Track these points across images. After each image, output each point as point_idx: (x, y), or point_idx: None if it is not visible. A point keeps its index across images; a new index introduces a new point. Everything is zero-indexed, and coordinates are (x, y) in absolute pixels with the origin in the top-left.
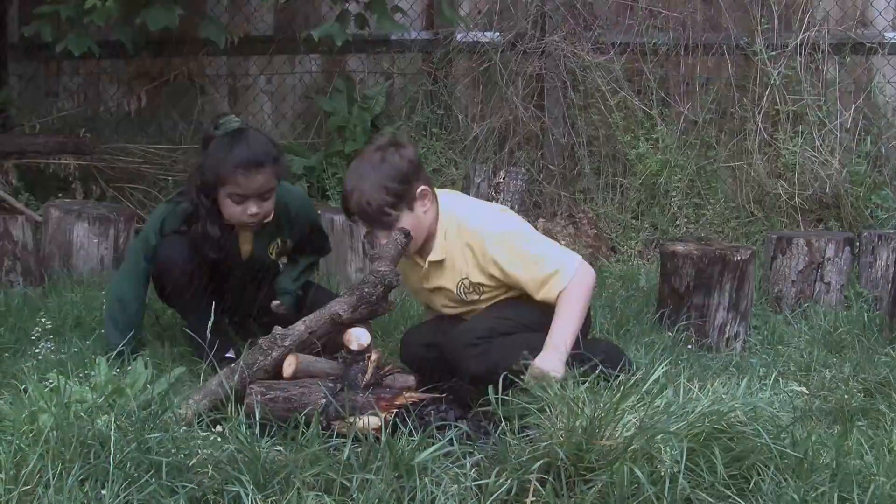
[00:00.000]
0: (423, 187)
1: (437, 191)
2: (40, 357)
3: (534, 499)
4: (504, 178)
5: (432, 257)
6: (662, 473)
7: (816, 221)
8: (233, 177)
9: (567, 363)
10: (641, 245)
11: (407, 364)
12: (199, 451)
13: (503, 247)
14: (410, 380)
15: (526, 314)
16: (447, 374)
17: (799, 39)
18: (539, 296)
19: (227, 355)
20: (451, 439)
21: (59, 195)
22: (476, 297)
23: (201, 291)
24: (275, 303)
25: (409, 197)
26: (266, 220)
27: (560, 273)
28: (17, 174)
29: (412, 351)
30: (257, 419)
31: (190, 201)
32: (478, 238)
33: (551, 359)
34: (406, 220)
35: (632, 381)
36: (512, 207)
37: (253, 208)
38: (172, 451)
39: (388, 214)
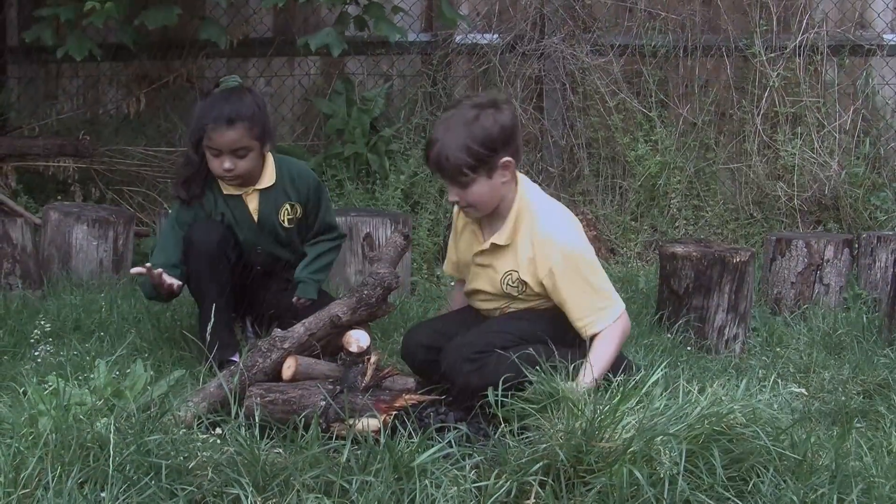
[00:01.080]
0: (507, 158)
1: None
2: (39, 360)
3: (533, 501)
4: None
5: (496, 240)
6: (662, 475)
7: (815, 223)
8: (207, 130)
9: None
10: (641, 247)
11: (407, 363)
12: (199, 454)
13: (567, 264)
14: (410, 382)
15: (526, 328)
16: (445, 380)
17: (798, 41)
18: (578, 324)
19: (232, 359)
20: (451, 441)
21: (59, 198)
22: (514, 293)
23: (225, 273)
24: (295, 298)
25: (491, 164)
26: (265, 183)
27: (606, 312)
28: (16, 177)
29: (412, 352)
30: (257, 421)
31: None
32: (547, 243)
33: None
34: (481, 185)
35: (631, 383)
36: None
37: (227, 163)
38: (172, 453)
39: (465, 175)
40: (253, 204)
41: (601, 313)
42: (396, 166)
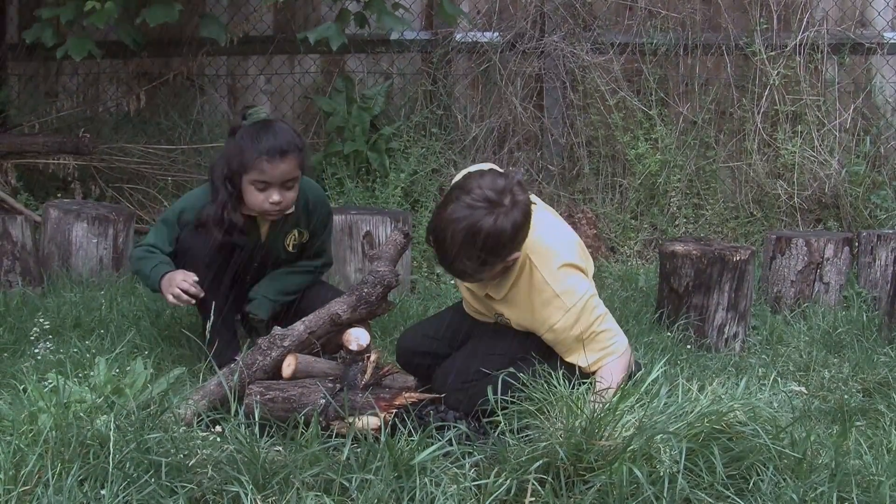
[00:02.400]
0: (515, 255)
1: None
2: (39, 357)
3: (533, 499)
4: None
5: (491, 293)
6: (661, 473)
7: (815, 221)
8: (258, 163)
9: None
10: (640, 245)
11: (401, 364)
12: (199, 452)
13: (569, 321)
14: (410, 380)
15: (515, 347)
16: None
17: (798, 39)
18: (582, 367)
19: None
20: (451, 439)
21: (59, 195)
22: (508, 326)
23: (221, 283)
24: (248, 311)
25: (499, 263)
26: (288, 212)
27: (609, 350)
28: (16, 174)
29: (405, 358)
30: (256, 419)
31: (213, 189)
32: (548, 304)
33: None
34: (485, 276)
35: (631, 382)
36: None
37: (275, 196)
38: (172, 451)
39: (469, 273)
40: (264, 227)
41: (604, 352)
42: (396, 164)
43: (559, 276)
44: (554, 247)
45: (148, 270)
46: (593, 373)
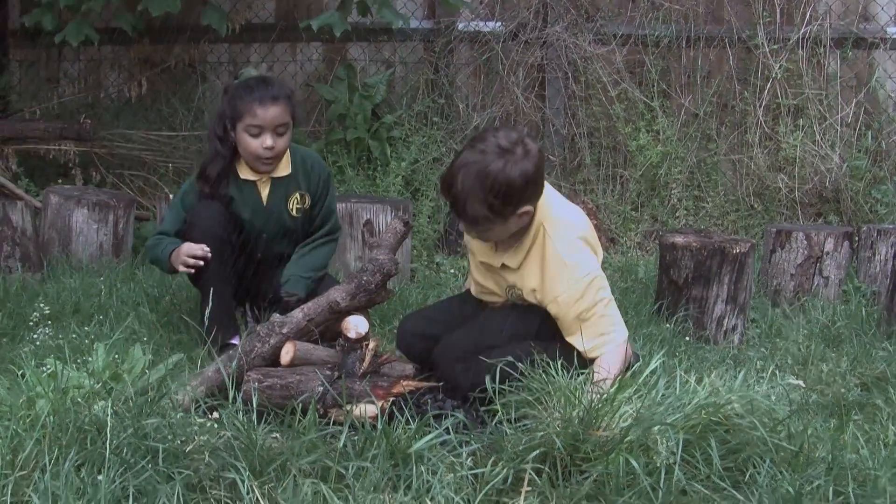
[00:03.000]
0: (526, 208)
1: None
2: (38, 343)
3: (529, 488)
4: None
5: (507, 261)
6: (658, 465)
7: (816, 215)
8: (250, 107)
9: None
10: (641, 236)
11: (401, 350)
12: (196, 438)
13: (574, 294)
14: (408, 368)
15: (517, 324)
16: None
17: (801, 33)
18: (578, 348)
19: (232, 341)
20: (448, 428)
21: (59, 181)
22: (519, 301)
23: (228, 258)
24: (284, 292)
25: (509, 213)
26: (281, 172)
27: (607, 337)
28: (17, 160)
29: (407, 341)
30: (254, 406)
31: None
32: (556, 273)
33: None
34: (496, 228)
35: (629, 373)
36: None
37: (268, 140)
38: (169, 437)
39: (480, 224)
40: (265, 191)
41: (602, 338)
42: (398, 153)
43: (571, 248)
44: (569, 219)
45: (159, 254)
46: (591, 360)
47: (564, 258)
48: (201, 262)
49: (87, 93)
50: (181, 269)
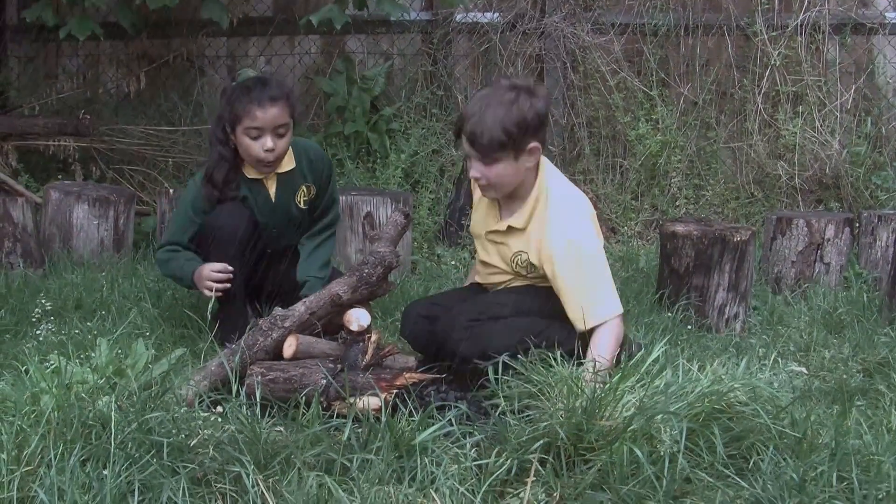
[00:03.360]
0: (535, 144)
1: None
2: (41, 338)
3: (534, 479)
4: None
5: (513, 222)
6: (662, 453)
7: (816, 202)
8: (249, 110)
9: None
10: (641, 226)
11: (406, 335)
12: (200, 432)
13: (568, 253)
14: (410, 360)
15: (521, 301)
16: (441, 350)
17: (799, 20)
18: (571, 315)
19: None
20: (451, 420)
21: (59, 177)
22: (523, 273)
23: (248, 257)
24: (304, 291)
25: (520, 146)
26: (285, 167)
27: (599, 308)
28: (16, 156)
29: (412, 322)
30: (258, 400)
31: (211, 148)
32: (553, 229)
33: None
34: (506, 165)
35: (632, 362)
36: None
37: (269, 143)
38: (173, 431)
39: (494, 152)
40: (272, 188)
41: (594, 308)
42: (397, 145)
43: (571, 216)
44: (573, 195)
45: (178, 271)
46: (589, 331)
47: (561, 219)
48: (228, 285)
49: (86, 88)
50: (208, 293)
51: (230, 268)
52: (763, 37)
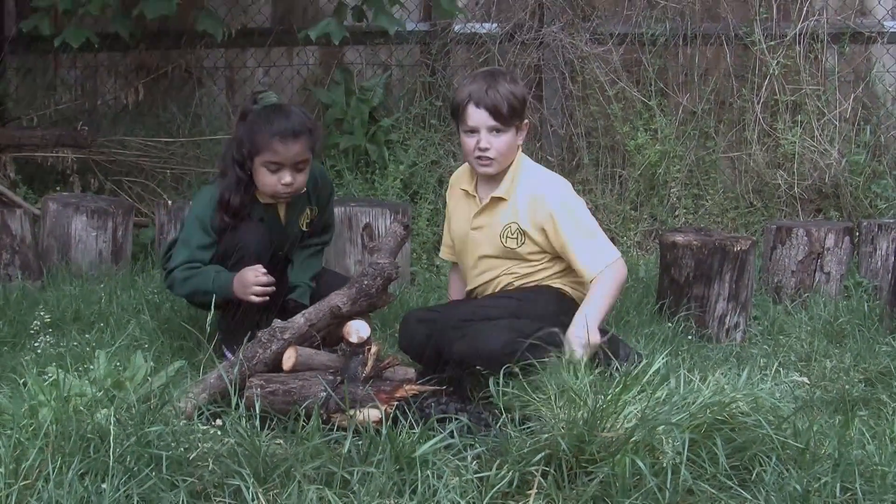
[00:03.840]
0: (527, 121)
1: None
2: (39, 351)
3: (536, 491)
4: None
5: (496, 193)
6: (664, 465)
7: (816, 211)
8: (271, 144)
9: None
10: (640, 236)
11: (404, 341)
12: (200, 445)
13: (566, 208)
14: (410, 372)
15: (515, 305)
16: (438, 355)
17: (798, 29)
18: (579, 266)
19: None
20: (452, 431)
21: (57, 188)
22: (514, 246)
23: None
24: (292, 301)
25: (521, 118)
26: (300, 192)
27: (604, 254)
28: (14, 167)
29: (411, 328)
30: (257, 412)
31: (224, 174)
32: (546, 193)
33: (579, 326)
34: (509, 137)
35: (633, 373)
36: None
37: (287, 178)
38: (172, 444)
39: (513, 119)
40: (282, 211)
41: (601, 254)
42: (396, 156)
43: (557, 180)
44: (548, 171)
45: (210, 284)
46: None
47: (551, 183)
48: (273, 288)
49: (85, 99)
50: (254, 299)
51: (263, 269)
52: (762, 46)
